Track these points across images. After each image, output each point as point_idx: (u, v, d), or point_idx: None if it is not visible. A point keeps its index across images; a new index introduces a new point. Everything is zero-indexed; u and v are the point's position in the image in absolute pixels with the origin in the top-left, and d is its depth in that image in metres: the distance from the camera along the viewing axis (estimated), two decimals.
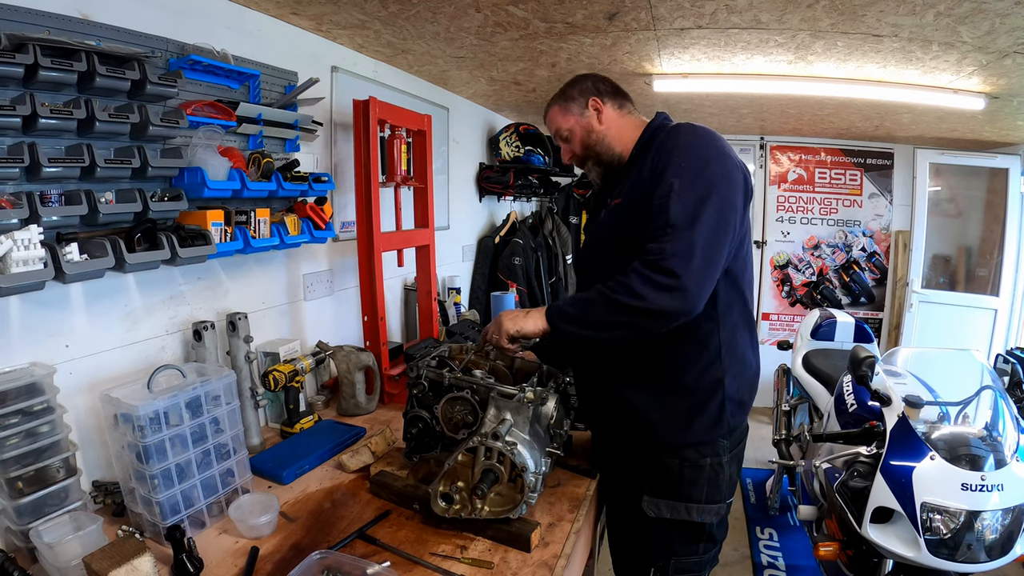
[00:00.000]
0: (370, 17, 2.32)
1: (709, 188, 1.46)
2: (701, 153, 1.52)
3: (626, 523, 1.91)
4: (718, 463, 1.65)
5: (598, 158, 1.81)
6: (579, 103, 1.79)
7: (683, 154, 1.51)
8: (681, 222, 1.41)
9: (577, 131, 1.80)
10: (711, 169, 1.50)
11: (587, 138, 1.79)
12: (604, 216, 1.74)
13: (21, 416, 1.39)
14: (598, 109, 1.77)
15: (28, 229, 1.34)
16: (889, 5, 2.07)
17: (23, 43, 1.35)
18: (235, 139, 2.06)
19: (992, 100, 3.28)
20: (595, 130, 1.77)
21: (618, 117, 1.79)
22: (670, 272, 1.38)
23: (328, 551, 1.36)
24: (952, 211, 5.63)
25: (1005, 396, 2.13)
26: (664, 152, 1.55)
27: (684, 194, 1.43)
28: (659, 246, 1.40)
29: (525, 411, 1.53)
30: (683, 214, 1.41)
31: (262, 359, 2.21)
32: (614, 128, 1.77)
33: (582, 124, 1.79)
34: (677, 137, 1.58)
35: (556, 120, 1.84)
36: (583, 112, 1.78)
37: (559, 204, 5.41)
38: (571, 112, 1.80)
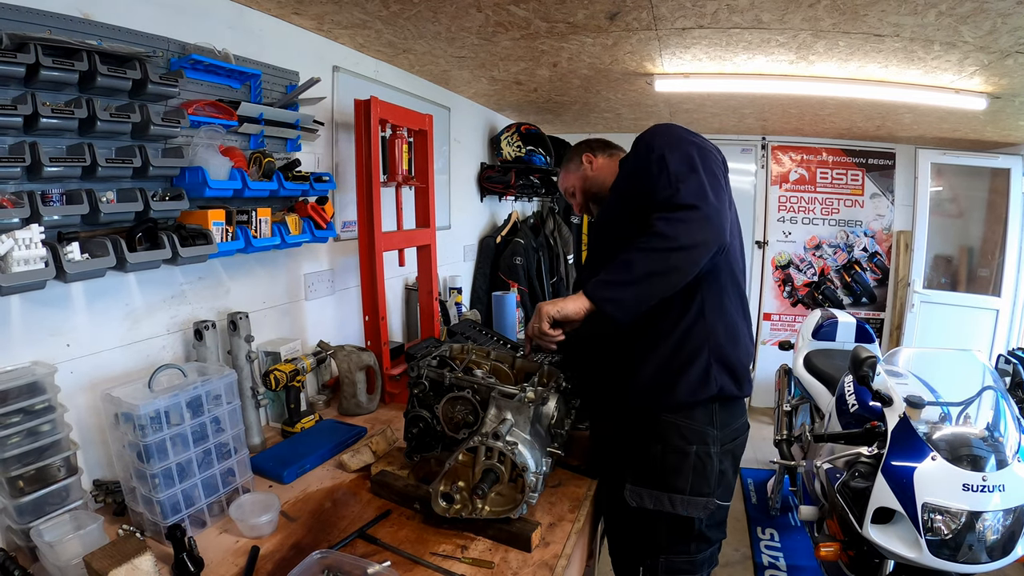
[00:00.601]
0: (371, 17, 2.32)
1: (692, 147, 1.58)
2: (675, 130, 1.66)
3: (617, 518, 1.97)
4: (705, 452, 1.63)
5: (595, 196, 2.04)
6: (575, 162, 2.08)
7: (662, 136, 1.63)
8: (682, 170, 1.51)
9: (577, 183, 2.08)
10: (687, 137, 1.63)
11: (584, 184, 2.06)
12: (600, 215, 1.91)
13: (22, 415, 1.39)
14: (591, 161, 2.05)
15: (29, 228, 1.34)
16: (891, 5, 2.07)
17: (24, 43, 1.35)
18: (236, 139, 2.06)
19: (994, 100, 3.27)
20: (588, 176, 2.04)
21: (608, 161, 2.03)
22: (689, 206, 1.45)
23: (329, 551, 1.36)
24: (954, 211, 5.62)
25: (1006, 396, 2.13)
26: (642, 142, 1.66)
27: (675, 153, 1.55)
28: (670, 191, 1.49)
29: (526, 411, 1.53)
30: (681, 166, 1.52)
31: (263, 358, 2.21)
32: (604, 170, 2.01)
33: (579, 176, 2.07)
34: (652, 129, 1.69)
35: (563, 181, 2.14)
36: (579, 168, 2.06)
37: (560, 204, 5.41)
38: (571, 171, 2.10)
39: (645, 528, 1.73)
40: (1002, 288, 5.09)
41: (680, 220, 1.45)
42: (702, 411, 1.64)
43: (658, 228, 1.45)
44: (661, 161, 1.54)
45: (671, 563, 1.72)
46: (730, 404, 1.70)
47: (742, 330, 1.73)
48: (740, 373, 1.68)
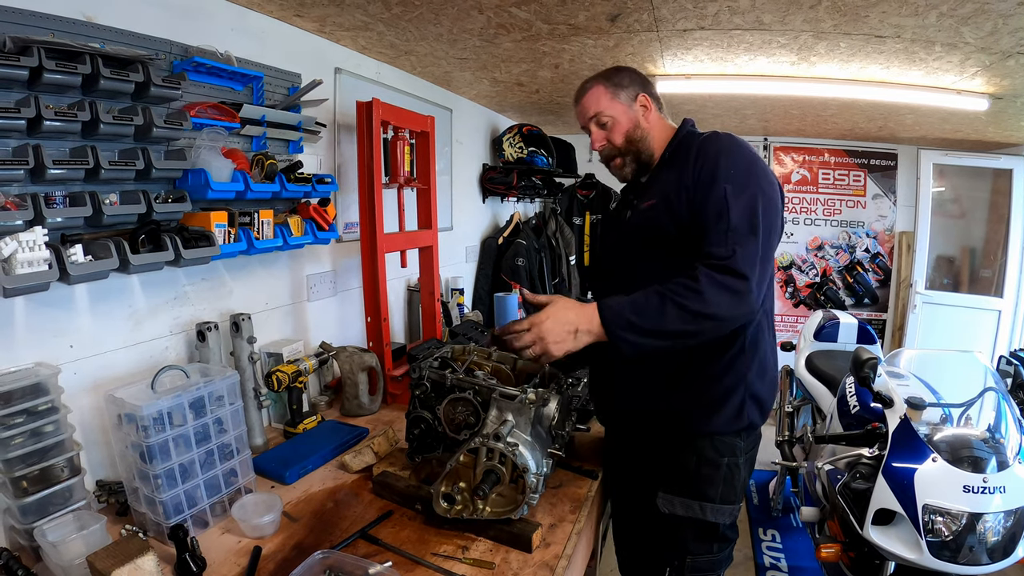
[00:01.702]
0: (373, 19, 2.33)
1: (758, 192, 1.49)
2: (745, 158, 1.55)
3: (636, 522, 1.93)
4: (735, 463, 1.66)
5: (637, 155, 1.77)
6: (629, 93, 1.74)
7: (729, 160, 1.53)
8: (742, 226, 1.44)
9: (623, 122, 1.74)
10: (755, 173, 1.53)
11: (633, 132, 1.74)
12: (633, 217, 1.74)
13: (26, 416, 1.40)
14: (646, 106, 1.74)
15: (33, 231, 1.35)
16: (892, 6, 2.07)
17: (27, 46, 1.36)
18: (239, 141, 2.07)
19: (996, 101, 3.27)
20: (641, 126, 1.74)
21: (659, 119, 1.77)
22: (743, 276, 1.39)
23: (330, 551, 1.37)
24: (956, 212, 5.62)
25: (1008, 398, 2.12)
26: (707, 159, 1.55)
27: (739, 198, 1.46)
28: (726, 250, 1.41)
29: (527, 412, 1.53)
30: (743, 218, 1.44)
31: (265, 360, 2.22)
32: (655, 128, 1.75)
33: (630, 116, 1.73)
34: (718, 143, 1.59)
35: (600, 102, 1.74)
36: (631, 105, 1.73)
37: (562, 205, 5.41)
38: (619, 99, 1.73)
39: (669, 532, 1.73)
40: (1004, 289, 5.09)
41: (726, 288, 1.39)
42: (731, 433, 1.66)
43: (703, 288, 1.38)
44: (722, 204, 1.46)
45: (696, 563, 1.73)
46: None
47: (771, 363, 1.72)
48: (767, 405, 1.71)
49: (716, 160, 1.54)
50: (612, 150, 1.78)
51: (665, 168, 1.71)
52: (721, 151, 1.56)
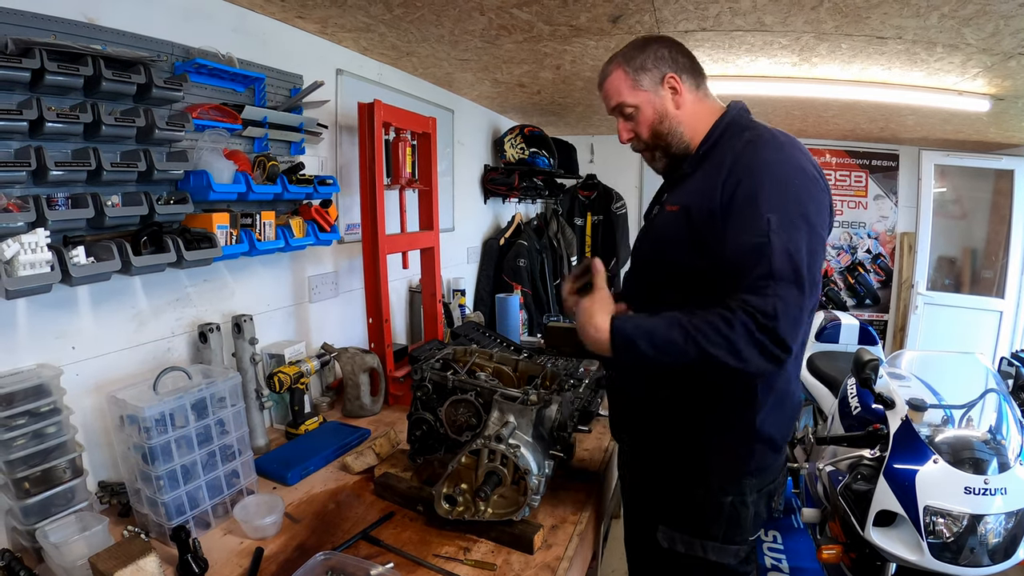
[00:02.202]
0: (374, 20, 2.33)
1: (808, 229, 1.27)
2: (793, 180, 1.30)
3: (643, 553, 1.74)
4: (740, 501, 1.46)
5: (667, 149, 1.53)
6: (652, 76, 1.47)
7: (776, 181, 1.29)
8: (786, 274, 1.22)
9: (648, 113, 1.49)
10: (803, 199, 1.29)
11: (659, 125, 1.49)
12: (658, 217, 1.57)
13: (28, 417, 1.40)
14: (675, 88, 1.47)
15: (35, 232, 1.35)
16: (893, 7, 2.07)
17: (30, 48, 1.36)
18: (240, 142, 2.07)
19: (997, 102, 3.27)
20: (669, 116, 1.48)
21: (694, 101, 1.49)
22: (783, 342, 1.20)
23: (332, 552, 1.37)
24: (957, 213, 5.62)
25: (1009, 399, 2.13)
26: (747, 173, 1.31)
27: (783, 235, 1.23)
28: (767, 304, 1.20)
29: (528, 414, 1.53)
30: (787, 264, 1.22)
31: (267, 361, 2.22)
32: (689, 115, 1.48)
33: (655, 106, 1.48)
34: (763, 153, 1.34)
35: (620, 91, 1.51)
36: (657, 89, 1.47)
37: (564, 206, 5.42)
38: (641, 86, 1.48)
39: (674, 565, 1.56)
40: (1006, 290, 5.09)
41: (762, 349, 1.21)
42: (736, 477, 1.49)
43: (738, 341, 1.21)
44: (763, 240, 1.23)
45: None
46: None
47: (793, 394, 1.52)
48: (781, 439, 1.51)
49: (759, 177, 1.29)
50: (639, 144, 1.57)
51: (696, 167, 1.48)
52: (767, 166, 1.31)
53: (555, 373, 1.81)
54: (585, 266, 1.64)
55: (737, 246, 1.27)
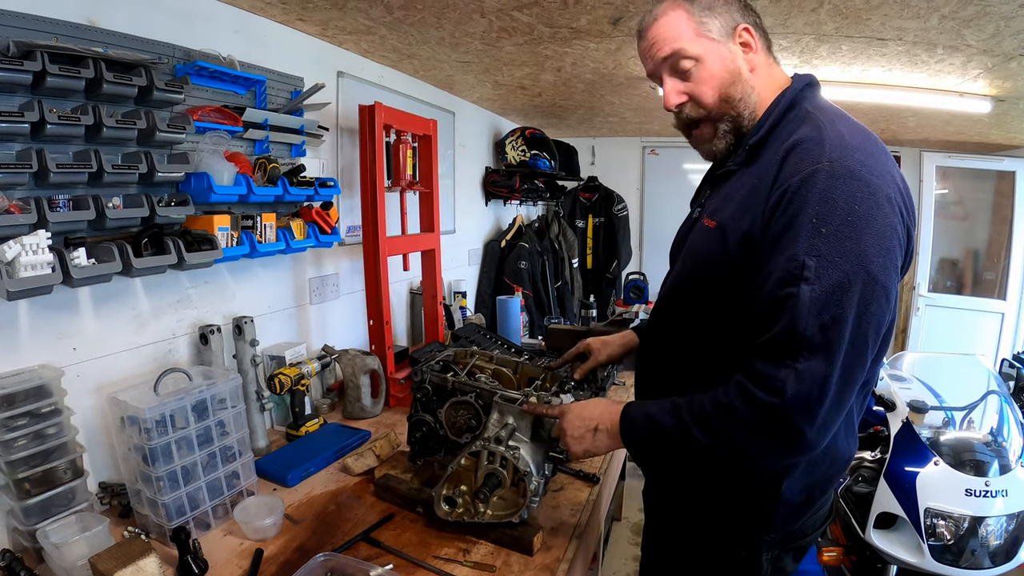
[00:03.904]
0: (375, 23, 2.33)
1: (861, 278, 0.95)
2: (854, 208, 0.97)
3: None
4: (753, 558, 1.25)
5: (737, 121, 1.20)
6: (724, 21, 1.15)
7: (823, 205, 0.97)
8: (812, 340, 0.94)
9: (716, 69, 1.16)
10: (865, 239, 0.96)
11: (731, 87, 1.17)
12: (695, 237, 1.29)
13: (29, 418, 1.40)
14: (748, 45, 1.16)
15: (36, 234, 1.35)
16: (893, 9, 2.07)
17: (31, 50, 1.37)
18: (241, 144, 2.08)
19: (998, 103, 3.27)
20: (742, 79, 1.17)
21: (767, 66, 1.20)
22: (797, 431, 0.96)
23: (332, 553, 1.37)
24: (959, 214, 5.62)
25: (1010, 401, 2.13)
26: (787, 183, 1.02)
27: (819, 286, 0.94)
28: (779, 379, 0.95)
29: (528, 416, 1.53)
30: (815, 327, 0.94)
31: (268, 362, 2.23)
32: (763, 83, 1.18)
33: (725, 61, 1.15)
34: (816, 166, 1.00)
35: (680, 35, 1.16)
36: (728, 40, 1.15)
37: (565, 208, 5.43)
38: (709, 32, 1.15)
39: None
40: (1007, 291, 5.09)
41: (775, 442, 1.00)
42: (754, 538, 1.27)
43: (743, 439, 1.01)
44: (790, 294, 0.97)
45: None
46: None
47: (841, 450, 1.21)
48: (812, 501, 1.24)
49: (801, 201, 0.99)
50: (697, 111, 1.21)
51: (750, 161, 1.18)
52: (815, 186, 0.99)
53: (555, 375, 1.81)
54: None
55: (765, 293, 1.02)
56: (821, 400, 0.94)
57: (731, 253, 1.11)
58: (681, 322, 1.29)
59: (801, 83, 1.18)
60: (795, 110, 1.15)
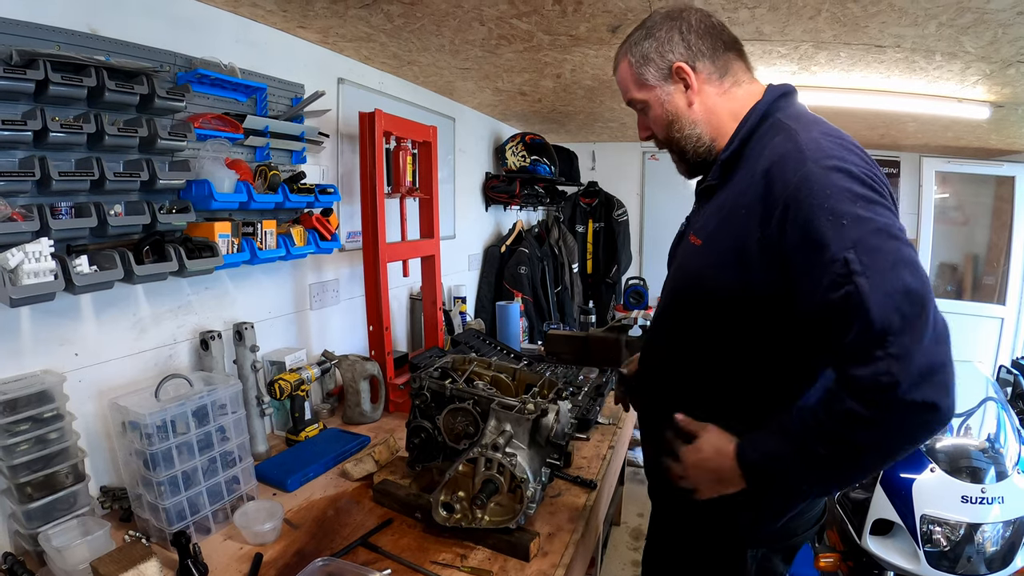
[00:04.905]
0: (375, 30, 2.35)
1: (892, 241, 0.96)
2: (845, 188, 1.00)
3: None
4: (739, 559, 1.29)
5: (682, 154, 1.31)
6: (658, 67, 1.25)
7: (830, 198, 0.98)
8: (895, 323, 0.91)
9: (656, 110, 1.28)
10: (876, 209, 0.99)
11: (669, 127, 1.28)
12: (682, 254, 1.35)
13: (31, 423, 1.42)
14: (687, 81, 1.23)
15: (39, 242, 1.37)
16: (891, 16, 2.08)
17: (34, 59, 1.39)
18: (242, 151, 2.09)
19: (997, 109, 3.28)
20: (681, 117, 1.26)
21: (717, 94, 1.25)
22: (919, 405, 0.90)
23: (331, 558, 1.38)
24: (959, 219, 5.61)
25: (1007, 408, 2.13)
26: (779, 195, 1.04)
27: (873, 273, 0.93)
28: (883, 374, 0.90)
29: (525, 423, 1.54)
30: (892, 310, 0.91)
31: (268, 368, 2.24)
32: (708, 113, 1.25)
33: (663, 103, 1.26)
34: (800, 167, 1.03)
35: (627, 86, 1.32)
36: (664, 83, 1.25)
37: (565, 213, 5.44)
38: (646, 80, 1.27)
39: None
40: (1007, 296, 5.09)
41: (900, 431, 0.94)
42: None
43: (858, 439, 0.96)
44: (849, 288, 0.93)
45: None
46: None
47: None
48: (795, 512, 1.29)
49: (808, 207, 0.99)
50: (657, 142, 1.36)
51: (727, 175, 1.22)
52: (813, 188, 1.00)
53: (552, 382, 1.82)
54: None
55: (815, 305, 0.99)
56: (934, 360, 0.91)
57: (717, 269, 1.15)
58: (675, 335, 1.33)
59: (774, 94, 1.22)
60: (767, 121, 1.18)
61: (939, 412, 0.91)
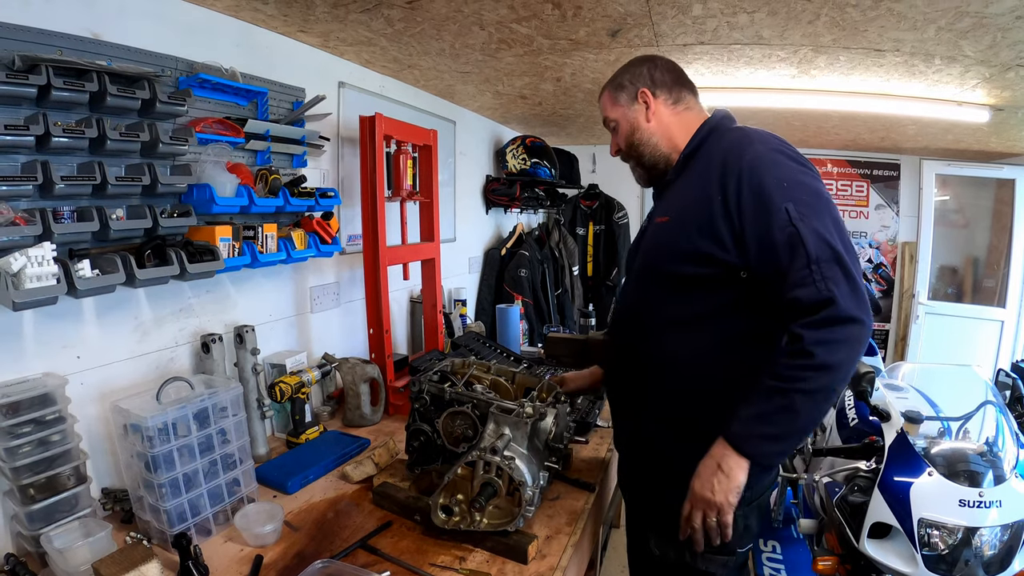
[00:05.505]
0: (376, 34, 2.36)
1: (820, 201, 1.30)
2: (789, 164, 1.36)
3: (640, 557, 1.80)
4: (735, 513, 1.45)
5: (640, 159, 1.64)
6: (628, 92, 1.61)
7: (777, 172, 1.33)
8: (826, 254, 1.23)
9: (623, 125, 1.63)
10: (806, 179, 1.34)
11: (631, 136, 1.62)
12: (648, 236, 1.61)
13: (34, 425, 1.43)
14: (647, 102, 1.58)
15: (42, 246, 1.37)
16: (890, 21, 2.09)
17: (36, 64, 1.40)
18: (243, 155, 2.10)
19: (997, 112, 3.28)
20: (641, 128, 1.60)
21: (670, 114, 1.59)
22: (854, 318, 1.20)
23: (330, 560, 1.39)
24: (959, 222, 5.62)
25: (1005, 411, 2.13)
26: (745, 173, 1.34)
27: (807, 219, 1.25)
28: (820, 292, 1.21)
29: (524, 426, 1.55)
30: (823, 245, 1.23)
31: (269, 371, 2.25)
32: (663, 126, 1.59)
33: (628, 118, 1.61)
34: (751, 151, 1.38)
35: (604, 107, 1.68)
36: (631, 104, 1.60)
37: (566, 216, 5.44)
38: (619, 102, 1.63)
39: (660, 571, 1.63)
40: (1007, 299, 5.09)
41: (844, 342, 1.20)
42: None
43: (820, 358, 1.20)
44: (791, 231, 1.25)
45: None
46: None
47: None
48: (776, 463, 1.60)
49: (758, 174, 1.33)
50: (621, 154, 1.69)
51: (680, 175, 1.56)
52: (760, 161, 1.35)
53: (551, 385, 1.82)
54: None
55: (768, 246, 1.29)
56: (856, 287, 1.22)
57: (690, 230, 1.40)
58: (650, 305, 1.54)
59: (720, 115, 1.58)
60: (716, 132, 1.53)
61: (864, 326, 1.21)
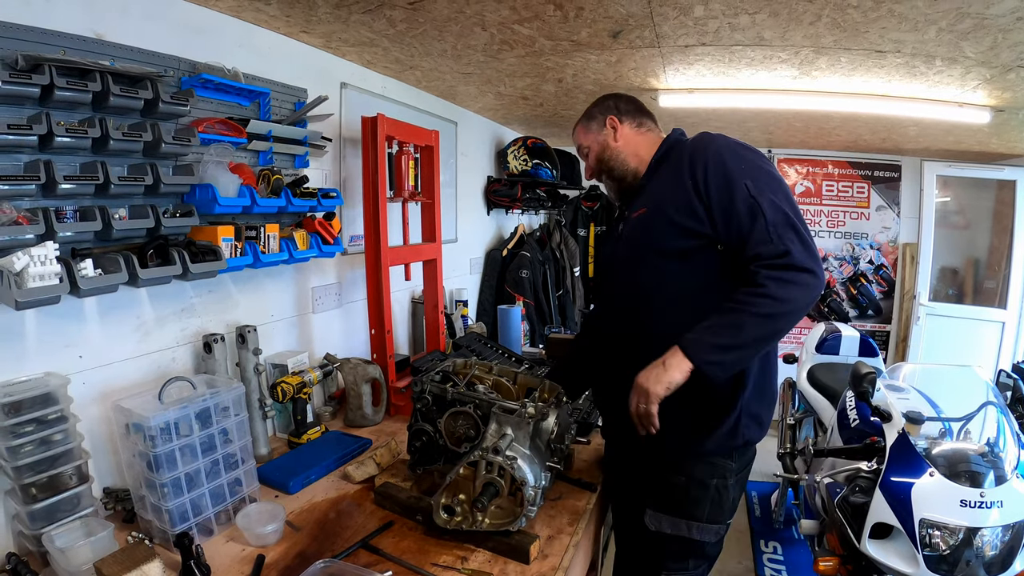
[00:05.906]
0: (378, 35, 2.36)
1: (771, 178, 1.55)
2: (743, 152, 1.61)
3: (628, 534, 2.03)
4: (723, 485, 1.68)
5: (611, 173, 1.86)
6: (598, 121, 1.87)
7: (735, 156, 1.58)
8: (780, 219, 1.47)
9: (594, 148, 1.87)
10: (758, 161, 1.60)
11: (601, 154, 1.86)
12: (627, 229, 1.77)
13: (36, 424, 1.43)
14: (614, 127, 1.84)
15: (44, 245, 1.37)
16: (891, 22, 2.09)
17: (39, 63, 1.40)
18: (245, 155, 2.10)
19: (997, 113, 3.28)
20: (609, 147, 1.84)
21: (635, 135, 1.84)
22: (807, 268, 1.44)
23: (332, 560, 1.39)
24: (960, 223, 5.61)
25: (1006, 412, 2.13)
26: (710, 160, 1.58)
27: (764, 192, 1.50)
28: (777, 247, 1.45)
29: (526, 426, 1.55)
30: (778, 212, 1.48)
31: (271, 371, 2.25)
32: (630, 145, 1.83)
33: (599, 141, 1.86)
34: (713, 144, 1.63)
35: (578, 137, 1.93)
36: (601, 130, 1.86)
37: (567, 217, 5.44)
38: (590, 130, 1.88)
39: (653, 546, 1.78)
40: (1008, 300, 5.08)
41: (795, 283, 1.43)
42: (725, 452, 1.68)
43: (771, 290, 1.43)
44: (751, 202, 1.49)
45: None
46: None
47: (771, 378, 1.73)
48: (766, 421, 1.71)
49: (721, 159, 1.57)
50: (595, 174, 1.93)
51: (653, 178, 1.76)
52: (721, 149, 1.60)
53: (553, 386, 1.83)
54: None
55: (732, 216, 1.51)
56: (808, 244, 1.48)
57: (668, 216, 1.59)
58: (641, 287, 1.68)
59: (678, 133, 1.81)
60: (680, 141, 1.76)
61: (816, 276, 1.45)
